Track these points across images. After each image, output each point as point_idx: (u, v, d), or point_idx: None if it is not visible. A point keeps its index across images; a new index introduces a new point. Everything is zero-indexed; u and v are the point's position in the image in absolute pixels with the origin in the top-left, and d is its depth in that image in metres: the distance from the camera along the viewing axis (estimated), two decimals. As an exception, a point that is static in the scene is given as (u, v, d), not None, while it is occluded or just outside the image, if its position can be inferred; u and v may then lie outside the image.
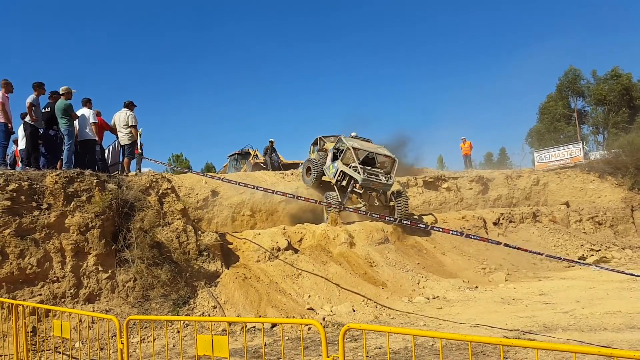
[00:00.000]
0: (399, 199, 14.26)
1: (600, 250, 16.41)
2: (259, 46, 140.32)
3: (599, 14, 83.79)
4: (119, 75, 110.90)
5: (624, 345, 6.47)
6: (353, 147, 14.44)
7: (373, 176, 14.14)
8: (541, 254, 8.69)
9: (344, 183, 14.57)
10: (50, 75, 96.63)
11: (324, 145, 16.83)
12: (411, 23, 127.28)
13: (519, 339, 6.98)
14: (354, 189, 14.24)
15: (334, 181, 14.82)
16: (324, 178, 15.75)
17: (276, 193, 12.32)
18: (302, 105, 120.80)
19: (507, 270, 13.30)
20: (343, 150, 15.01)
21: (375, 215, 9.42)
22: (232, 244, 11.52)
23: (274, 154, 20.97)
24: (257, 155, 22.90)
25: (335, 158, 15.27)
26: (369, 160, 14.96)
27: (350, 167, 14.33)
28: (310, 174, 16.16)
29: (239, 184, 12.77)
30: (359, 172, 13.82)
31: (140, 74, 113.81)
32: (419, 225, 9.13)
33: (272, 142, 21.43)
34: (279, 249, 11.50)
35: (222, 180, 13.24)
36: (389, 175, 14.55)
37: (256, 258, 11.15)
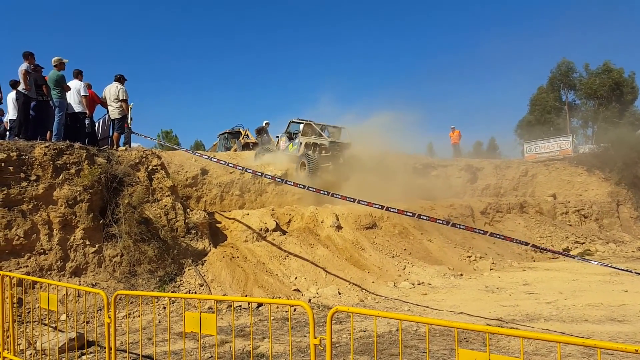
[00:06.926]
0: None
1: (584, 243, 16.67)
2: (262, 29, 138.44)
3: (595, 8, 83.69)
4: (109, 49, 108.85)
5: (605, 336, 6.61)
6: (311, 122, 16.20)
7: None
8: (527, 244, 8.78)
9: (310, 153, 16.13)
10: (38, 46, 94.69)
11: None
12: (401, 12, 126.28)
13: (501, 327, 7.09)
14: (322, 154, 15.53)
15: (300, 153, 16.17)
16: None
17: (264, 176, 12.33)
18: (297, 90, 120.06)
19: (492, 259, 13.47)
20: (296, 130, 16.69)
21: (363, 202, 9.42)
22: (220, 223, 11.51)
23: (265, 136, 20.81)
24: (247, 134, 22.73)
25: (291, 139, 16.82)
26: (322, 133, 16.56)
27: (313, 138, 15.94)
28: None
29: (228, 164, 12.74)
30: (324, 138, 15.65)
31: (131, 50, 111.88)
32: (405, 213, 9.14)
33: (267, 123, 21.25)
34: (267, 230, 11.51)
35: (210, 159, 13.14)
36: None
37: (244, 238, 11.15)
